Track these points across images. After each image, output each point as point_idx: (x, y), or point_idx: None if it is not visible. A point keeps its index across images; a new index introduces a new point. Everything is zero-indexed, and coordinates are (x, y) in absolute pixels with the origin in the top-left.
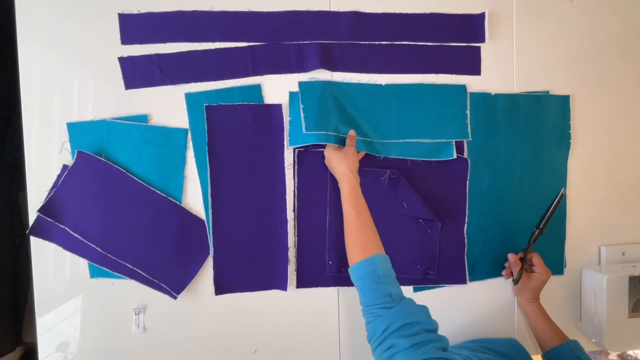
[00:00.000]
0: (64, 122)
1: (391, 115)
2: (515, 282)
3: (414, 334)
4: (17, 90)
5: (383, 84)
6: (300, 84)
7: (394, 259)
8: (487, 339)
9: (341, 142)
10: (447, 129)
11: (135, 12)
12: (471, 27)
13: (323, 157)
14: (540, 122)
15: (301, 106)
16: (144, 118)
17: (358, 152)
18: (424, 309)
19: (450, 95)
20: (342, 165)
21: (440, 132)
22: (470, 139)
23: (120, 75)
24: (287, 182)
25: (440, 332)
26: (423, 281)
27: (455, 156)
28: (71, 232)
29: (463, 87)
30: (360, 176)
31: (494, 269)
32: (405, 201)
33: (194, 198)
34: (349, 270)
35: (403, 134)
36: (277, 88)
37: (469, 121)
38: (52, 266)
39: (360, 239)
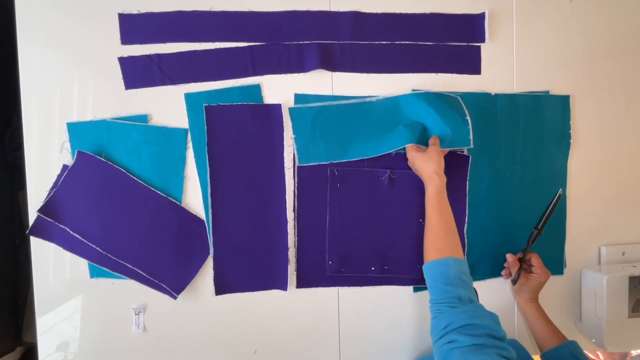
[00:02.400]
0: (64, 122)
1: (386, 131)
2: (514, 282)
3: (477, 335)
4: (17, 90)
5: (374, 100)
6: (291, 110)
7: (394, 259)
8: None
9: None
10: (447, 137)
11: (135, 12)
12: (471, 27)
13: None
14: (540, 122)
15: (292, 136)
16: (144, 118)
17: (442, 149)
18: (492, 316)
19: (445, 104)
20: (427, 167)
21: (440, 141)
22: (472, 146)
23: (120, 75)
24: (286, 182)
25: None
26: (424, 281)
27: (472, 145)
28: (71, 232)
29: (456, 97)
30: (360, 176)
31: (494, 269)
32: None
33: (194, 198)
34: (423, 267)
35: (402, 143)
36: (277, 88)
37: (470, 127)
38: (52, 266)
39: (437, 240)
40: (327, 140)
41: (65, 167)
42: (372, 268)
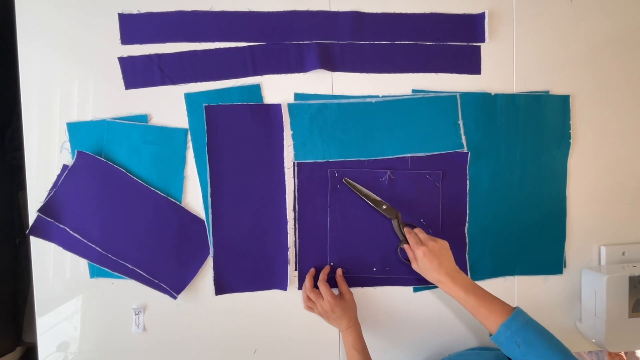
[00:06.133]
0: (64, 122)
1: (383, 133)
2: (405, 259)
3: None
4: (17, 90)
5: (373, 102)
6: (290, 106)
7: (396, 259)
8: (491, 349)
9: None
10: (441, 141)
11: (135, 12)
12: (471, 27)
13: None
14: (540, 122)
15: (290, 132)
16: (144, 118)
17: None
18: None
19: (441, 107)
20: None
21: (434, 145)
22: (465, 149)
23: (120, 75)
24: (286, 182)
25: (441, 331)
26: (425, 281)
27: (465, 149)
28: (71, 232)
29: (454, 97)
30: (361, 176)
31: (495, 269)
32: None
33: (194, 198)
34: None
35: (396, 150)
36: (277, 88)
37: (462, 132)
38: (52, 266)
39: None
40: (325, 138)
41: (65, 167)
42: (374, 269)
